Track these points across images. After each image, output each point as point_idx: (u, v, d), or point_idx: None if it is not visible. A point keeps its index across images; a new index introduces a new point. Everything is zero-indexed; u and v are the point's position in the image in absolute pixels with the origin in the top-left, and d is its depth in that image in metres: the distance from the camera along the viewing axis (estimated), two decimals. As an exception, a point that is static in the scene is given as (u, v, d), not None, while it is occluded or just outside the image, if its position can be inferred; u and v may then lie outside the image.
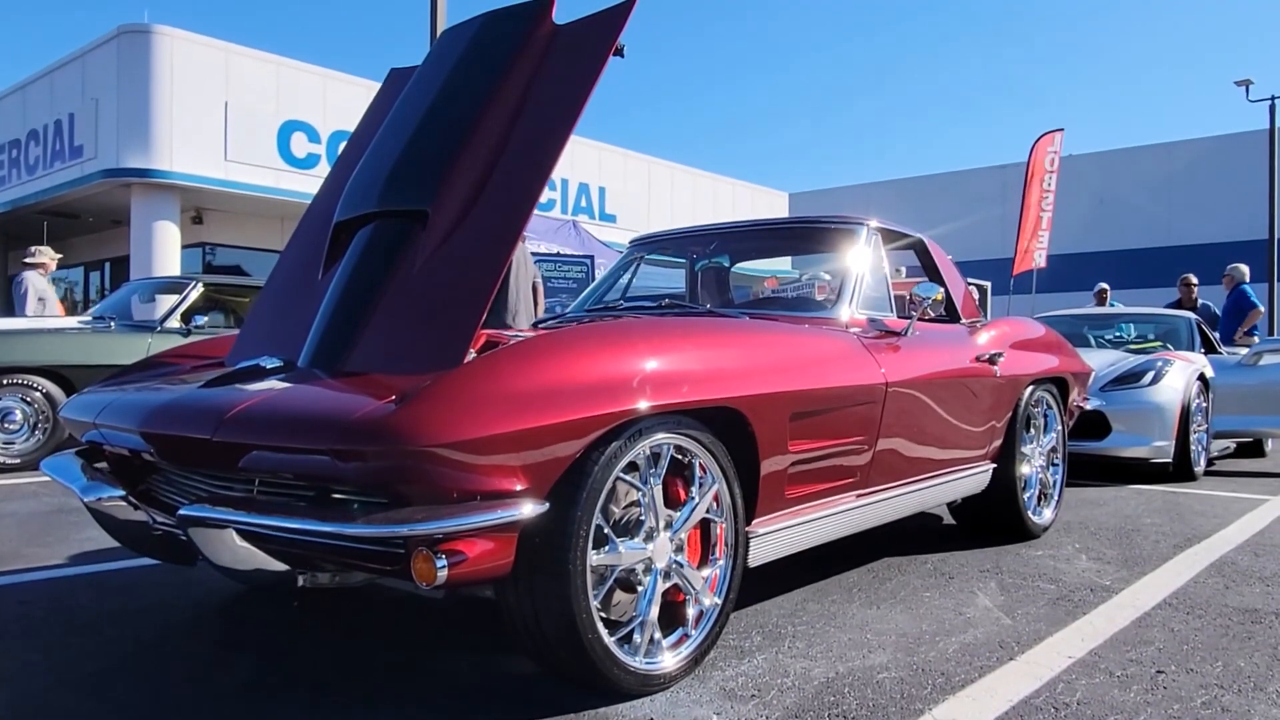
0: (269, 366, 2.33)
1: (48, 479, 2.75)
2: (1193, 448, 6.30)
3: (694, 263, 4.07)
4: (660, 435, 2.20)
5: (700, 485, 2.35)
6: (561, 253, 11.90)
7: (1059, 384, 4.31)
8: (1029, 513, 4.03)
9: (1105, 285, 11.99)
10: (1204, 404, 6.59)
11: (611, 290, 3.95)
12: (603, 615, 2.13)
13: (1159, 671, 2.41)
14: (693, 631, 2.33)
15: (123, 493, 2.27)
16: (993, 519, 3.98)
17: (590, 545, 2.03)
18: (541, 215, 18.20)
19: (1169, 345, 7.52)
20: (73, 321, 6.81)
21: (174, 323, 6.58)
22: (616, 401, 2.03)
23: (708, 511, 2.38)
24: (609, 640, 2.08)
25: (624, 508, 2.21)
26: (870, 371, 2.92)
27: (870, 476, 3.01)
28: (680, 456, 2.30)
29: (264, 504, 1.97)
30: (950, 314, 3.91)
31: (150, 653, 2.46)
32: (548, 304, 9.72)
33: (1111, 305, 11.88)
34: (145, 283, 7.60)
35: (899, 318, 3.40)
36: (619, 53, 2.58)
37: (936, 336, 3.50)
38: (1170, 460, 6.14)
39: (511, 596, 2.04)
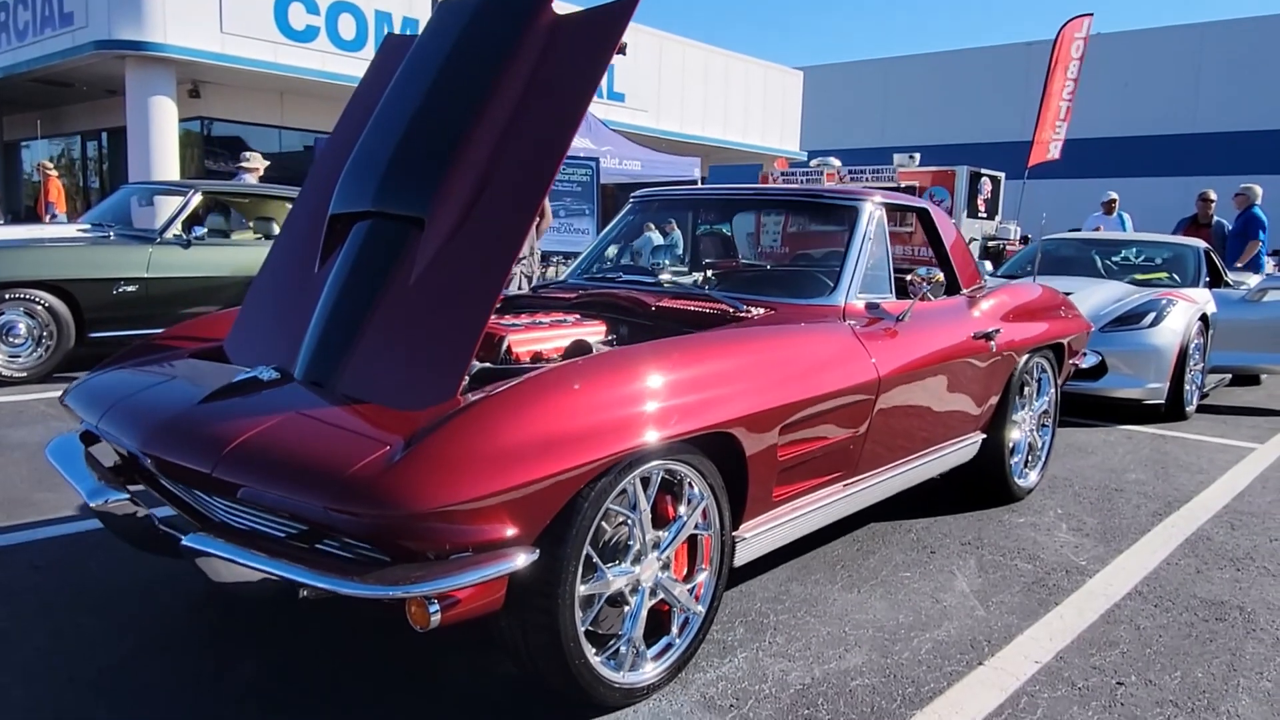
0: (266, 379, 2.35)
1: (55, 398, 2.79)
2: (1186, 388, 6.36)
3: (695, 226, 4.02)
4: (651, 464, 2.25)
5: (689, 503, 2.41)
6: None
7: (1056, 349, 4.33)
8: (1015, 477, 4.12)
9: (1114, 195, 11.78)
10: (1202, 342, 6.61)
11: (610, 249, 3.92)
12: (591, 630, 2.24)
13: (1119, 683, 2.53)
14: (677, 640, 2.44)
15: (128, 496, 2.34)
16: (979, 484, 4.07)
17: (579, 578, 2.11)
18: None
19: (1175, 275, 7.47)
20: (73, 230, 6.75)
21: (174, 232, 6.53)
22: (610, 445, 2.07)
23: (695, 527, 2.45)
24: (595, 661, 2.19)
25: (614, 527, 2.28)
26: (862, 367, 2.94)
27: (859, 466, 3.07)
28: (670, 477, 2.35)
29: (264, 542, 2.03)
30: (950, 285, 3.89)
31: (156, 647, 2.57)
32: (553, 206, 9.61)
33: (1119, 216, 11.72)
34: (143, 186, 7.50)
35: (898, 299, 3.39)
36: (621, 50, 2.49)
37: (934, 316, 3.50)
38: (1163, 401, 6.21)
39: (502, 622, 2.13)
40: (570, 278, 3.81)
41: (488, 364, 2.65)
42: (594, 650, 2.21)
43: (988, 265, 8.39)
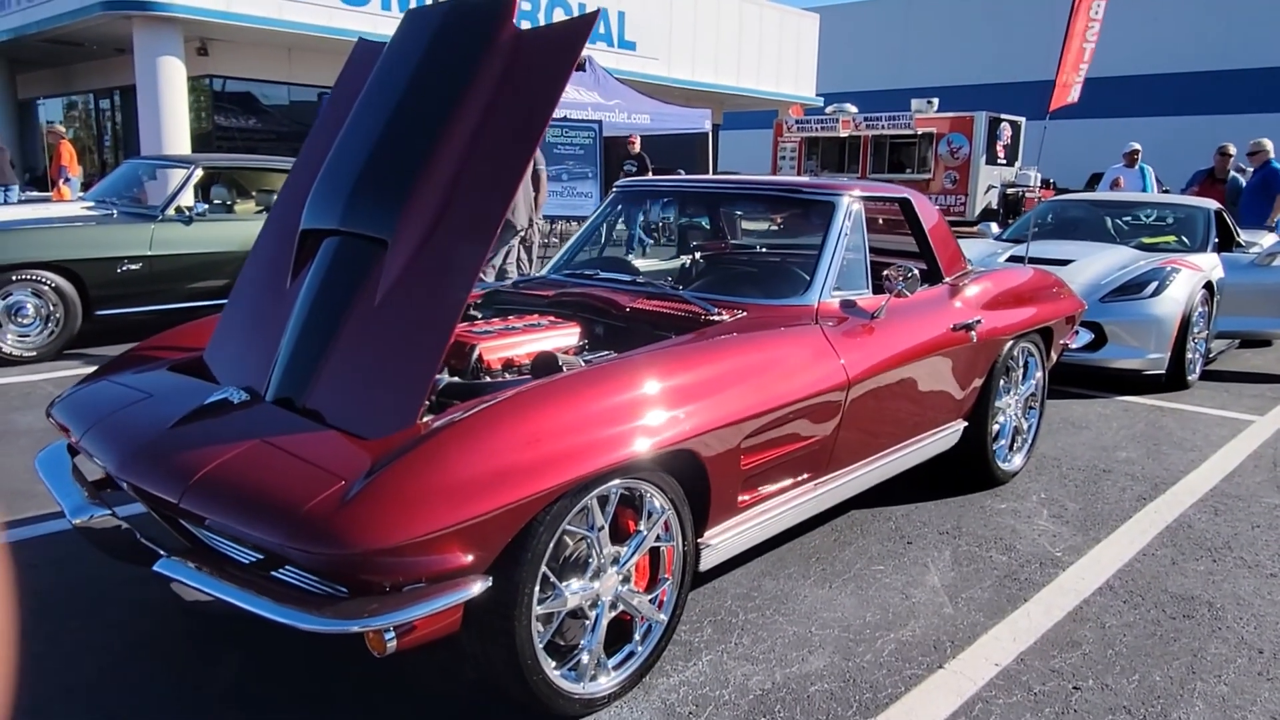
0: (236, 401, 2.42)
1: (62, 378, 2.87)
2: (1188, 357, 6.32)
3: (677, 218, 4.02)
4: (610, 483, 2.30)
5: (649, 517, 2.47)
6: (570, 114, 11.52)
7: (1044, 333, 4.32)
8: (998, 461, 4.15)
9: (1137, 145, 11.55)
10: (1207, 311, 6.55)
11: (591, 242, 3.94)
12: (555, 642, 2.32)
13: (1075, 688, 2.59)
14: (639, 648, 2.51)
15: (109, 512, 2.42)
16: (962, 470, 4.10)
17: (535, 598, 2.18)
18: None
19: (1184, 237, 7.37)
20: (78, 209, 6.82)
21: (176, 208, 6.58)
22: (565, 472, 2.12)
23: (656, 539, 2.51)
24: (553, 675, 2.27)
25: (574, 543, 2.34)
26: (830, 370, 2.96)
27: (830, 464, 3.11)
28: (629, 493, 2.41)
29: (232, 570, 2.10)
30: (933, 274, 3.88)
31: (145, 649, 2.68)
32: (554, 170, 9.57)
33: (1141, 168, 11.51)
34: (146, 162, 7.55)
35: (874, 294, 3.39)
36: (580, 66, 2.49)
37: (912, 311, 3.50)
38: (1164, 372, 6.18)
39: (464, 638, 2.21)
40: (551, 271, 3.83)
41: (455, 378, 2.70)
42: (554, 664, 2.29)
43: (993, 228, 8.30)
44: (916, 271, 3.28)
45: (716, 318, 3.04)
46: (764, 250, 4.47)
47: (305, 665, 2.61)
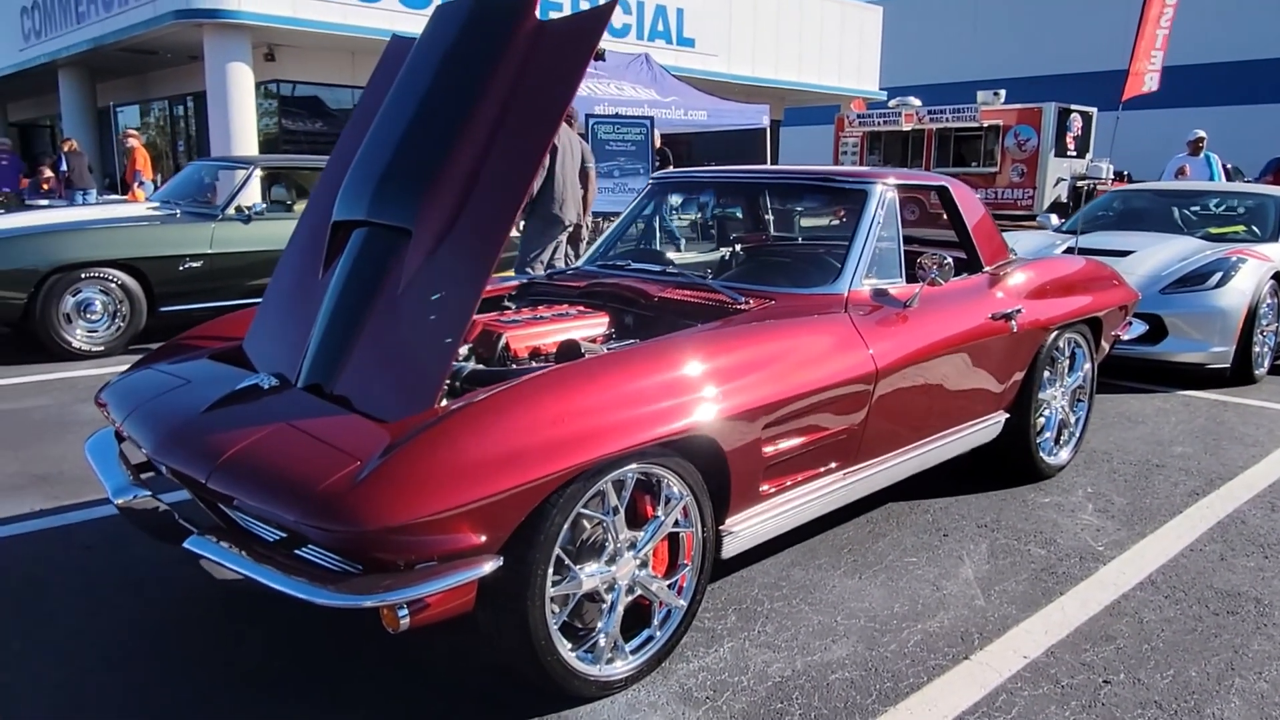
0: (266, 386, 2.50)
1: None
2: (1255, 349, 6.09)
3: (709, 209, 4.01)
4: (625, 468, 2.32)
5: (667, 502, 2.48)
6: (623, 110, 11.56)
7: (1092, 323, 4.21)
8: (1043, 454, 4.06)
9: (1202, 133, 11.16)
10: (1276, 302, 6.30)
11: (627, 234, 3.96)
12: (572, 624, 2.35)
13: (1105, 682, 2.53)
14: (658, 633, 2.53)
15: (149, 494, 2.53)
16: (1004, 463, 4.03)
17: (549, 581, 2.21)
18: (609, 47, 17.56)
19: (1254, 227, 7.10)
20: (143, 209, 7.09)
21: (236, 207, 6.79)
22: (575, 455, 2.14)
23: (675, 525, 2.52)
24: (568, 656, 2.29)
25: (591, 528, 2.37)
26: (858, 360, 2.93)
27: (859, 454, 3.08)
28: (646, 478, 2.42)
29: (256, 547, 2.17)
30: (972, 263, 3.81)
31: (179, 628, 2.78)
32: (606, 167, 9.62)
33: (1206, 156, 11.12)
34: (208, 164, 7.80)
35: (908, 283, 3.35)
36: (599, 56, 2.51)
37: (947, 300, 3.44)
38: (1228, 365, 5.97)
39: (479, 617, 2.25)
40: (587, 263, 3.86)
41: (480, 365, 2.75)
42: (569, 645, 2.31)
43: (1054, 219, 8.09)
44: (950, 260, 3.23)
45: (744, 307, 3.04)
46: (803, 241, 4.45)
47: (327, 646, 2.68)
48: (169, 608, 2.88)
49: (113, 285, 6.25)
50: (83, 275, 6.12)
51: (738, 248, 4.33)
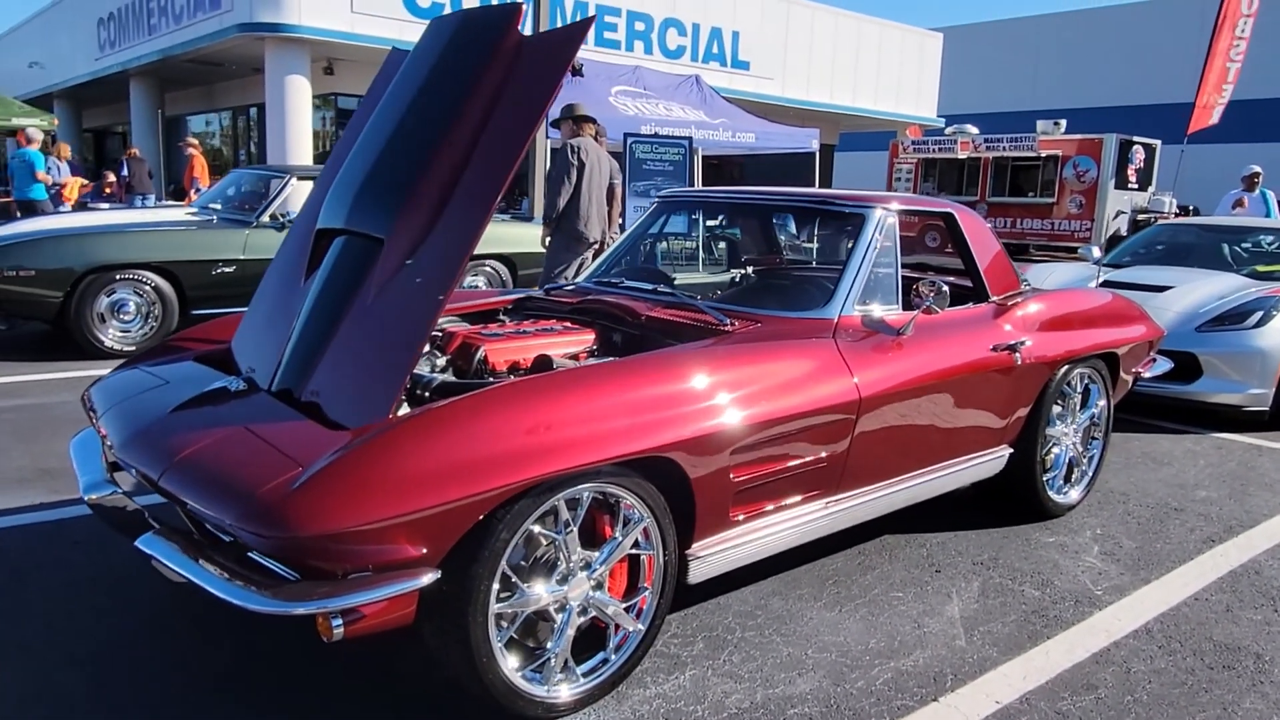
0: (234, 389, 2.52)
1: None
2: (1298, 393, 5.84)
3: (711, 229, 3.99)
4: (579, 486, 2.28)
5: (626, 524, 2.44)
6: (670, 131, 11.57)
7: (1109, 359, 4.07)
8: (1051, 493, 3.92)
9: (1258, 169, 10.82)
10: (1321, 344, 6.03)
11: (630, 252, 3.95)
12: (524, 642, 2.32)
13: (1077, 733, 2.42)
14: (613, 656, 2.48)
15: (119, 491, 2.56)
16: (1009, 500, 3.90)
17: (493, 597, 2.18)
18: (661, 69, 17.63)
19: (1306, 265, 6.84)
20: (181, 214, 7.28)
21: (270, 214, 6.93)
22: (522, 470, 2.12)
23: (635, 546, 2.48)
24: (512, 675, 2.25)
25: (545, 546, 2.33)
26: (840, 387, 2.86)
27: (842, 484, 3.00)
28: (604, 498, 2.38)
29: (210, 552, 2.17)
30: (979, 292, 3.71)
31: (153, 626, 2.81)
32: (642, 186, 9.62)
33: (1262, 193, 10.78)
34: (249, 172, 7.98)
35: (904, 310, 3.27)
36: (577, 72, 2.51)
37: (946, 329, 3.36)
38: (1268, 408, 5.73)
39: (424, 631, 2.23)
40: (586, 280, 3.85)
41: (450, 377, 2.75)
42: (515, 664, 2.28)
43: (1095, 252, 7.87)
44: (946, 287, 3.15)
45: (727, 328, 2.99)
46: (816, 265, 4.38)
47: (299, 654, 2.68)
48: (145, 607, 2.91)
49: (146, 287, 6.41)
50: (117, 276, 6.29)
51: (749, 270, 4.28)
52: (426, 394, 2.62)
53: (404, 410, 2.39)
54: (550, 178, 6.69)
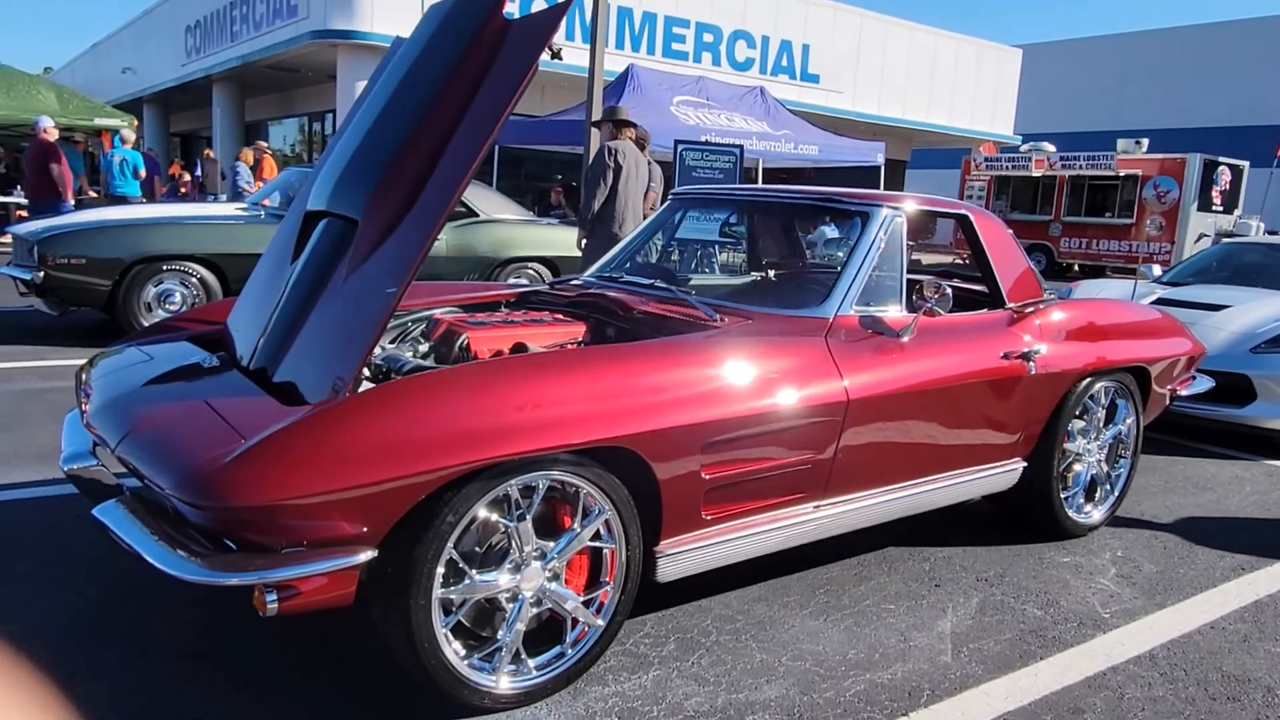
0: (206, 366, 2.55)
1: None
2: (1363, 422, 5.49)
3: (722, 227, 3.92)
4: (532, 474, 2.24)
5: (586, 516, 2.38)
6: (713, 136, 11.51)
7: (1139, 374, 3.87)
8: (1070, 512, 3.74)
9: None
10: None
11: (640, 248, 3.90)
12: (479, 631, 2.29)
13: (1052, 758, 2.28)
14: (570, 651, 2.42)
15: (96, 463, 2.60)
16: (1024, 517, 3.74)
17: (437, 581, 2.14)
18: (733, 80, 17.58)
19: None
20: (231, 209, 7.49)
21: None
22: (467, 453, 2.08)
23: (597, 539, 2.42)
24: (456, 662, 2.21)
25: (496, 535, 2.29)
26: (827, 388, 2.77)
27: (829, 488, 2.90)
28: (561, 487, 2.34)
29: (163, 525, 2.18)
30: (994, 298, 3.57)
31: (126, 603, 2.85)
32: (692, 194, 9.61)
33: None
34: (300, 170, 8.17)
35: (906, 313, 3.16)
36: (557, 56, 2.48)
37: (950, 332, 3.23)
38: (1327, 436, 5.41)
39: (373, 614, 2.21)
40: (590, 274, 3.81)
41: (426, 362, 2.73)
42: (461, 652, 2.24)
43: (1155, 269, 7.55)
44: (949, 289, 3.03)
45: (715, 324, 2.92)
46: (836, 266, 4.28)
47: (261, 634, 2.68)
48: (126, 582, 2.95)
49: (192, 278, 6.60)
50: (164, 267, 6.48)
51: (770, 272, 4.20)
52: (396, 377, 2.61)
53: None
54: (587, 179, 6.70)
